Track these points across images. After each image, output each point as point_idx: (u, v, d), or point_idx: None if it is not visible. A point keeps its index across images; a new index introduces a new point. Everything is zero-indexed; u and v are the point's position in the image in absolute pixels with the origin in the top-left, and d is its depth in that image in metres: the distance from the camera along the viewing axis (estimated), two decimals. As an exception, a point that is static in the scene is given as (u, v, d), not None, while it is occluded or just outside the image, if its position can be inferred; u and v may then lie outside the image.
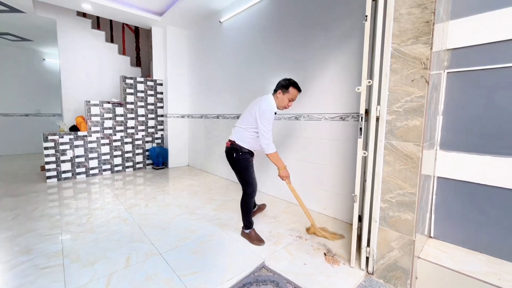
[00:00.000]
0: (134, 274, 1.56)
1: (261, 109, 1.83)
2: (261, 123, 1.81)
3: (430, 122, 1.42)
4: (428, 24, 1.26)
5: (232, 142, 1.95)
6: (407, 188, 1.38)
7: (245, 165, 1.93)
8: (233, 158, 1.93)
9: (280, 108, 1.94)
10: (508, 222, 1.42)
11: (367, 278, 1.55)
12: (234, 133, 1.97)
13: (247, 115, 1.94)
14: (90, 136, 4.04)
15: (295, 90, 1.89)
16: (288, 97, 1.89)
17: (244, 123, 1.93)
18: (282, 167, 1.90)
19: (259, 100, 1.94)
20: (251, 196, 1.97)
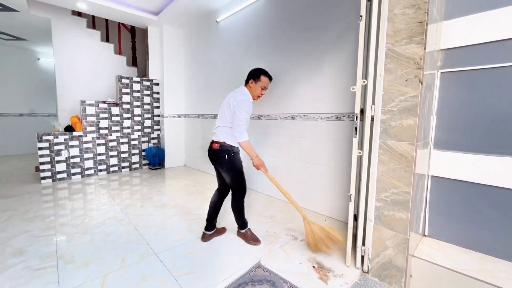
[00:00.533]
0: (129, 275, 1.55)
1: (238, 99, 1.80)
2: (238, 112, 1.76)
3: (424, 122, 1.44)
4: (421, 24, 1.27)
5: (221, 144, 1.83)
6: (401, 187, 1.39)
7: (239, 167, 1.87)
8: (226, 161, 1.83)
9: (255, 98, 1.94)
10: (501, 221, 1.44)
11: (362, 277, 1.56)
12: (220, 134, 1.86)
13: (227, 111, 1.84)
14: (85, 136, 4.01)
15: (266, 77, 1.93)
16: (260, 86, 1.92)
17: (228, 121, 1.84)
18: (254, 155, 1.82)
19: (233, 93, 1.91)
20: (243, 196, 1.94)
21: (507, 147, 1.40)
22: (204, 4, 3.67)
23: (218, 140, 1.85)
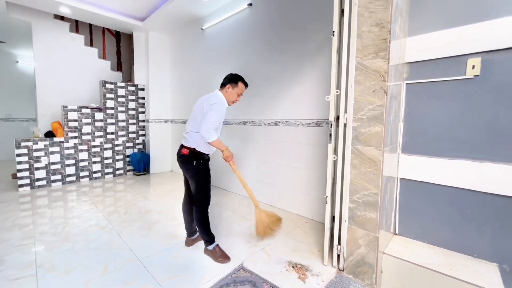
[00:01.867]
0: (112, 281, 1.56)
1: (211, 103, 1.74)
2: (210, 115, 1.68)
3: (391, 128, 1.57)
4: (385, 41, 1.41)
5: (190, 149, 1.77)
6: (371, 189, 1.51)
7: (206, 176, 1.82)
8: (194, 167, 1.78)
9: (229, 104, 1.88)
10: (458, 218, 1.59)
11: (338, 275, 1.65)
12: (191, 139, 1.79)
13: (200, 116, 1.77)
14: (67, 142, 3.92)
15: (243, 84, 1.89)
16: (237, 92, 1.87)
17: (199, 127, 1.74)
18: (224, 147, 1.76)
19: (207, 97, 1.86)
20: (206, 208, 1.85)
21: (461, 151, 1.56)
22: (191, 12, 3.74)
23: (188, 146, 1.79)
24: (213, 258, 1.82)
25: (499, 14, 1.41)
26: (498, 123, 1.44)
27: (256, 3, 3.02)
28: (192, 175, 1.80)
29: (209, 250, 1.85)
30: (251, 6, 3.07)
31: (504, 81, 1.42)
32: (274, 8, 2.80)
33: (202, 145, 1.78)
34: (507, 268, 1.45)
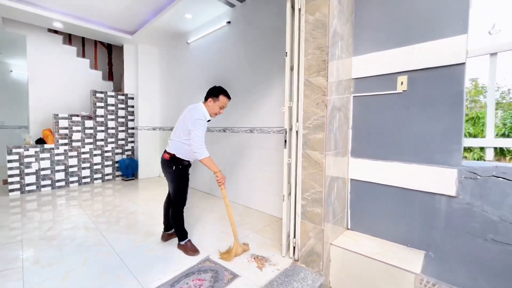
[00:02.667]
0: (90, 271, 1.76)
1: (193, 118, 1.87)
2: (194, 132, 1.84)
3: (334, 135, 1.82)
4: (324, 62, 1.68)
5: (171, 155, 1.95)
6: (317, 188, 1.75)
7: (183, 180, 2.00)
8: (172, 171, 1.95)
9: (212, 116, 2.00)
10: (395, 213, 1.83)
11: (293, 264, 1.87)
12: (172, 146, 1.97)
13: (182, 127, 1.94)
14: (57, 149, 4.10)
15: (225, 98, 1.99)
16: (218, 105, 1.98)
17: (181, 136, 1.94)
18: (216, 170, 1.89)
19: (190, 109, 1.99)
20: (181, 208, 2.04)
21: (395, 154, 1.82)
22: (176, 27, 4.02)
23: (169, 151, 1.97)
24: (184, 252, 2.02)
25: (418, 40, 1.70)
26: (422, 131, 1.71)
27: (234, 21, 3.32)
28: (170, 179, 2.00)
29: (181, 245, 2.05)
30: (229, 24, 3.37)
31: (425, 95, 1.69)
32: (249, 27, 3.09)
33: (181, 152, 1.96)
34: (432, 255, 1.69)
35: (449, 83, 1.60)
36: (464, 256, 1.57)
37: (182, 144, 1.95)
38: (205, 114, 1.96)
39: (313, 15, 1.73)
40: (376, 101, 1.91)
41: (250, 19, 3.09)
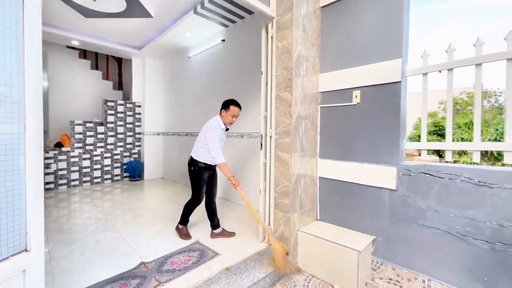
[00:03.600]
0: (102, 250, 2.17)
1: (208, 128, 2.25)
2: (209, 140, 2.20)
3: (300, 140, 2.19)
4: (289, 80, 2.07)
5: (191, 158, 2.35)
6: (285, 183, 2.13)
7: (197, 179, 2.33)
8: (190, 171, 2.35)
9: (227, 124, 2.33)
10: (352, 205, 2.18)
11: (267, 247, 2.23)
12: (193, 150, 2.37)
13: (200, 134, 2.35)
14: (73, 152, 4.61)
15: (235, 107, 2.29)
16: (230, 114, 2.28)
17: (199, 141, 2.33)
18: (229, 175, 2.18)
19: (209, 121, 2.35)
20: (195, 204, 2.37)
21: (351, 155, 2.18)
22: (178, 44, 4.51)
23: (191, 154, 2.37)
24: (178, 235, 2.42)
25: (368, 62, 2.08)
26: (371, 136, 2.07)
27: (227, 40, 3.76)
28: (189, 177, 2.38)
29: (178, 228, 2.47)
30: (224, 41, 3.81)
31: (373, 107, 2.06)
32: (240, 45, 3.52)
33: (198, 154, 2.31)
34: (380, 239, 2.03)
35: (390, 97, 1.96)
36: (403, 239, 1.91)
37: (199, 147, 2.31)
38: (220, 124, 2.30)
39: (281, 42, 2.14)
40: (338, 111, 2.29)
41: (240, 38, 3.53)
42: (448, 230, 1.71)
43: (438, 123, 14.29)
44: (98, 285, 1.65)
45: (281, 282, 1.99)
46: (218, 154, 2.19)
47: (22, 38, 0.98)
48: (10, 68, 0.94)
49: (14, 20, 0.95)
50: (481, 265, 1.60)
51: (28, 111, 0.99)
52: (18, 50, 0.97)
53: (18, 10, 0.97)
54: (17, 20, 0.97)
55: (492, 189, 1.55)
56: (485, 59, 1.65)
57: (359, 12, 2.14)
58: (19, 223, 0.96)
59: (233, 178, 2.20)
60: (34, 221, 1.00)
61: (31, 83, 1.00)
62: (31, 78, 1.00)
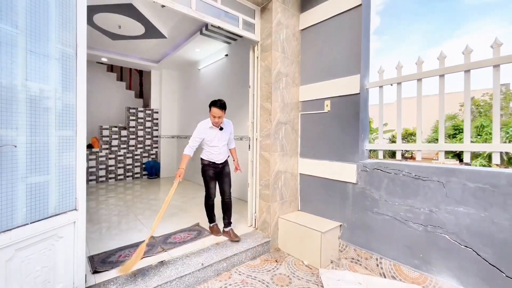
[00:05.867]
0: (122, 227, 2.76)
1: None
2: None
3: (280, 141, 2.63)
4: (270, 93, 2.53)
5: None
6: (266, 177, 2.58)
7: (202, 175, 2.55)
8: (201, 168, 2.58)
9: (214, 124, 2.42)
10: (324, 197, 2.58)
11: (253, 231, 2.69)
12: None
13: None
14: (100, 152, 5.37)
15: (214, 108, 2.36)
16: (212, 115, 2.39)
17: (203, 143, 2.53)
18: (181, 167, 2.30)
19: None
20: (207, 198, 2.55)
21: (324, 155, 2.58)
22: (189, 58, 5.13)
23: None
24: (211, 231, 2.59)
25: (335, 77, 2.49)
26: (339, 138, 2.47)
27: (230, 55, 4.31)
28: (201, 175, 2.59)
29: (210, 226, 2.61)
30: (227, 56, 4.36)
31: (340, 114, 2.46)
32: (240, 60, 4.04)
33: (202, 154, 2.54)
34: (346, 225, 2.41)
35: (351, 106, 2.36)
36: (362, 224, 2.28)
37: (202, 148, 2.57)
38: (208, 123, 2.45)
39: (264, 62, 2.61)
40: (314, 118, 2.71)
41: (240, 53, 4.05)
42: (394, 216, 2.07)
43: (458, 126, 13.80)
44: (119, 248, 2.22)
45: (261, 257, 2.43)
46: (187, 146, 2.38)
47: (75, 66, 1.55)
48: (70, 88, 1.51)
49: (73, 60, 1.53)
50: (418, 244, 1.94)
51: (78, 120, 1.56)
52: (73, 74, 1.54)
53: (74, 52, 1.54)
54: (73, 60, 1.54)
55: (424, 181, 1.90)
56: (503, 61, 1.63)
57: (328, 35, 2.56)
58: (72, 193, 1.52)
59: (180, 170, 2.28)
60: (80, 192, 1.56)
61: (80, 98, 1.57)
62: (80, 95, 1.57)
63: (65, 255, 1.47)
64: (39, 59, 1.33)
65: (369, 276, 2.09)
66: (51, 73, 1.40)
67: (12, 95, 1.20)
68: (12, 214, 1.19)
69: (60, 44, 1.45)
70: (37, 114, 1.32)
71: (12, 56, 1.21)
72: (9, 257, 1.17)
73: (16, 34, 1.22)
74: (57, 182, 1.43)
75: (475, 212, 1.67)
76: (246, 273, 2.13)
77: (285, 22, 2.64)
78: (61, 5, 1.45)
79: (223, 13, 2.41)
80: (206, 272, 2.00)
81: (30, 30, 1.29)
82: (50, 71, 1.39)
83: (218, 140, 2.49)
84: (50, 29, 1.39)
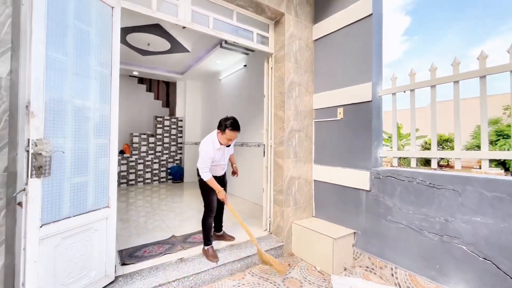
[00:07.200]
0: (148, 226, 3.01)
1: (200, 148, 2.23)
2: (199, 158, 2.20)
3: (293, 148, 2.71)
4: (282, 102, 2.65)
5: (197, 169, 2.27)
6: (280, 183, 2.67)
7: (203, 189, 2.30)
8: (199, 181, 2.33)
9: (224, 144, 2.22)
10: (338, 203, 2.59)
11: (267, 235, 2.77)
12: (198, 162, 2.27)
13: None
14: (131, 157, 5.85)
15: (230, 132, 2.12)
16: (225, 137, 2.15)
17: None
18: (218, 190, 2.20)
19: (208, 135, 2.33)
20: (208, 216, 2.28)
21: (337, 162, 2.61)
22: (211, 69, 5.45)
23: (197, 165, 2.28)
24: (205, 256, 2.21)
25: (347, 85, 2.53)
26: (351, 146, 2.49)
27: (248, 65, 4.51)
28: (199, 188, 2.36)
29: (204, 249, 2.26)
30: (245, 66, 4.57)
31: (352, 122, 2.49)
32: (257, 70, 4.22)
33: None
34: (359, 232, 2.40)
35: (364, 114, 2.38)
36: (376, 232, 2.26)
37: None
38: (214, 143, 2.21)
39: (277, 72, 2.74)
40: (327, 125, 2.76)
41: (257, 64, 4.23)
42: (409, 225, 2.03)
43: (502, 131, 12.50)
44: (144, 245, 2.44)
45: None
46: (203, 172, 2.16)
47: (110, 83, 1.81)
48: (105, 101, 1.77)
49: (109, 78, 1.79)
50: (434, 254, 1.89)
51: (111, 129, 1.81)
52: (108, 90, 1.80)
53: (108, 72, 1.81)
54: (109, 79, 1.81)
55: (439, 189, 1.86)
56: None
57: (341, 44, 2.62)
58: (106, 192, 1.76)
59: (222, 193, 2.21)
60: (112, 192, 1.80)
61: (113, 111, 1.82)
62: (114, 108, 1.83)
63: (99, 246, 1.70)
64: (82, 79, 1.60)
65: (383, 286, 2.06)
66: (91, 90, 1.66)
67: (62, 109, 1.47)
68: (59, 208, 1.43)
69: (99, 66, 1.72)
70: (80, 125, 1.58)
71: (63, 79, 1.48)
72: (57, 244, 1.41)
73: (66, 61, 1.50)
74: (94, 182, 1.68)
75: (493, 222, 1.60)
76: (259, 275, 2.22)
77: (298, 34, 2.75)
78: (100, 34, 1.73)
79: (239, 29, 2.60)
80: (221, 271, 2.13)
81: (76, 56, 1.56)
82: (90, 88, 1.66)
83: (225, 158, 2.36)
84: (90, 55, 1.66)
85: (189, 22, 2.25)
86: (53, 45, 1.41)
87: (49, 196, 1.38)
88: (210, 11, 2.39)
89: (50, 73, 1.40)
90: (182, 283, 1.90)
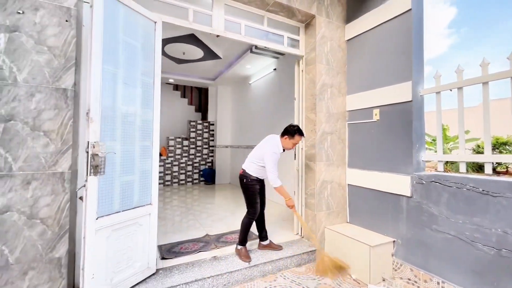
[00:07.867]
0: (183, 224, 3.18)
1: (267, 150, 2.21)
2: (267, 162, 2.18)
3: (325, 151, 2.64)
4: (314, 104, 2.61)
5: (243, 171, 2.34)
6: (312, 186, 2.62)
7: (251, 191, 2.28)
8: (243, 184, 2.32)
9: (286, 149, 2.33)
10: (375, 209, 2.45)
11: (299, 238, 2.73)
12: (246, 163, 2.35)
13: (258, 151, 2.31)
14: (167, 160, 6.24)
15: (299, 136, 2.29)
16: (293, 142, 2.29)
17: (253, 157, 2.32)
18: (287, 198, 2.22)
19: (269, 139, 2.34)
20: (252, 218, 2.30)
21: (373, 165, 2.48)
22: (241, 74, 5.60)
23: (243, 167, 2.36)
24: (238, 255, 2.26)
25: (384, 85, 2.41)
26: (389, 148, 2.35)
27: (278, 69, 4.54)
28: (242, 190, 2.35)
29: (237, 249, 2.31)
30: (275, 70, 4.61)
31: (390, 123, 2.35)
32: (287, 73, 4.22)
33: (251, 169, 2.31)
34: (400, 242, 2.24)
35: (403, 115, 2.24)
36: (420, 242, 2.09)
37: (252, 163, 2.32)
38: (279, 147, 2.29)
39: (309, 75, 2.72)
40: (362, 127, 2.64)
41: (287, 67, 4.23)
42: (458, 236, 1.84)
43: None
44: (181, 241, 2.59)
45: (307, 265, 2.46)
46: (275, 177, 2.17)
47: (153, 90, 1.97)
48: (149, 107, 1.93)
49: (152, 86, 1.96)
50: (490, 270, 1.68)
51: (154, 132, 1.97)
52: (151, 97, 1.96)
53: (151, 80, 1.98)
54: (152, 89, 1.97)
55: (495, 197, 1.66)
56: None
57: (376, 43, 2.51)
58: (149, 190, 1.92)
59: (291, 200, 2.25)
60: (154, 190, 1.95)
61: (156, 115, 1.98)
62: (156, 112, 1.99)
63: (142, 240, 1.85)
64: (130, 88, 1.78)
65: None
66: (137, 98, 1.84)
67: (113, 115, 1.65)
68: (111, 203, 1.60)
69: (143, 75, 1.89)
70: (128, 129, 1.75)
71: (114, 88, 1.66)
72: (108, 235, 1.57)
73: (117, 72, 1.68)
74: (139, 181, 1.84)
75: None
76: (291, 278, 2.20)
77: (329, 35, 2.71)
78: (144, 46, 1.90)
79: (269, 34, 2.64)
80: (253, 271, 2.15)
81: (125, 68, 1.74)
82: (136, 96, 1.83)
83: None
84: (136, 66, 1.83)
85: (223, 30, 2.36)
86: (107, 59, 1.60)
87: (103, 192, 1.55)
88: (242, 18, 2.48)
89: (105, 83, 1.59)
90: (216, 280, 1.97)
